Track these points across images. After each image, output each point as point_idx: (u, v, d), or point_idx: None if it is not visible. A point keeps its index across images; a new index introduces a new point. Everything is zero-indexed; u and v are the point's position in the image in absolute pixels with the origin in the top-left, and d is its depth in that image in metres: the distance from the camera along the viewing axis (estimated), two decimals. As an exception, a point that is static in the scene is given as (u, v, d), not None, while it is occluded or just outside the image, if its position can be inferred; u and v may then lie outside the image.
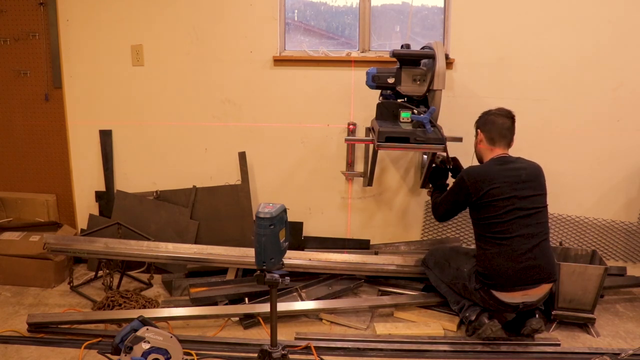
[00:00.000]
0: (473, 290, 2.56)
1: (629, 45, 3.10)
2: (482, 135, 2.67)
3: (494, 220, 2.50)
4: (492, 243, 2.51)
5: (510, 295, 2.48)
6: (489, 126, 2.65)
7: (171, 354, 2.13)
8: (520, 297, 2.48)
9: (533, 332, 2.56)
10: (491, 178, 2.53)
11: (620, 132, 3.21)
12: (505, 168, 2.57)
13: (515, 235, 2.47)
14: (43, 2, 3.29)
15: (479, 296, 2.55)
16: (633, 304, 3.03)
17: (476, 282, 2.55)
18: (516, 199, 2.49)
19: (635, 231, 3.29)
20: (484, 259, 2.53)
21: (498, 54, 3.18)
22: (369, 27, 3.32)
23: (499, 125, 2.63)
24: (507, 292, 2.48)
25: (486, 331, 2.52)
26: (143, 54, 3.36)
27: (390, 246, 3.44)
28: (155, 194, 3.47)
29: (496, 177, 2.53)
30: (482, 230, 2.56)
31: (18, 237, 3.20)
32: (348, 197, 3.45)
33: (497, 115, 2.65)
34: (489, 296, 2.51)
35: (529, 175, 2.56)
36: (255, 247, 1.94)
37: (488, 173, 2.56)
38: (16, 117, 3.49)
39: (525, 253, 2.46)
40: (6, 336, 2.57)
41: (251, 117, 3.39)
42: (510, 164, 2.58)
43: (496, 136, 2.63)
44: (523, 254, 2.46)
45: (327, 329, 2.72)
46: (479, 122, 2.73)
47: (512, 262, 2.46)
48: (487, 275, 2.50)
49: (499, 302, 2.51)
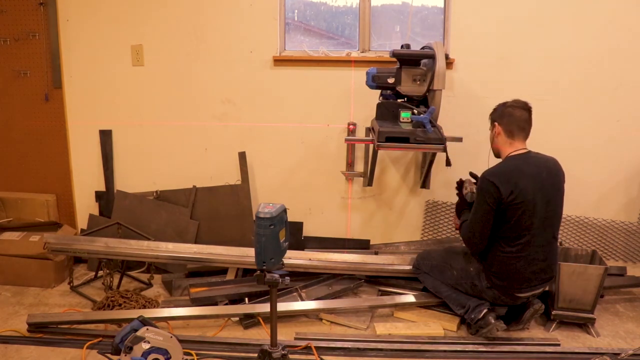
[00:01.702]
0: (485, 289, 2.57)
1: (629, 45, 3.10)
2: (499, 128, 2.56)
3: (517, 223, 2.44)
4: (513, 245, 2.47)
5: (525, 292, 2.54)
6: (506, 119, 2.54)
7: (171, 354, 2.13)
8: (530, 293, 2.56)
9: (536, 312, 2.60)
10: (516, 178, 2.43)
11: (620, 132, 3.21)
12: (528, 164, 2.48)
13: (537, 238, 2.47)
14: (43, 2, 3.29)
15: (491, 294, 2.57)
16: (633, 304, 3.03)
17: (487, 281, 2.55)
18: (539, 200, 2.44)
19: (635, 231, 3.29)
20: (501, 260, 2.50)
21: (498, 54, 3.18)
22: (369, 27, 3.32)
23: (517, 117, 2.53)
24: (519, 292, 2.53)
25: (492, 331, 2.53)
26: (143, 54, 3.36)
27: (390, 246, 3.44)
28: (155, 194, 3.47)
29: (520, 176, 2.43)
30: (504, 232, 2.48)
31: (18, 237, 3.20)
32: (348, 197, 3.45)
33: (514, 108, 2.55)
34: (504, 293, 2.54)
35: (549, 174, 2.50)
36: (255, 247, 1.94)
37: (513, 172, 2.45)
38: (16, 117, 3.49)
39: (542, 256, 2.50)
40: (6, 336, 2.57)
41: (251, 117, 3.39)
42: (532, 160, 2.50)
43: (515, 129, 2.52)
44: (540, 259, 2.50)
45: (327, 329, 2.72)
46: (495, 114, 2.61)
47: (530, 265, 2.49)
48: (504, 277, 2.51)
49: (513, 297, 2.55)
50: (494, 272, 2.54)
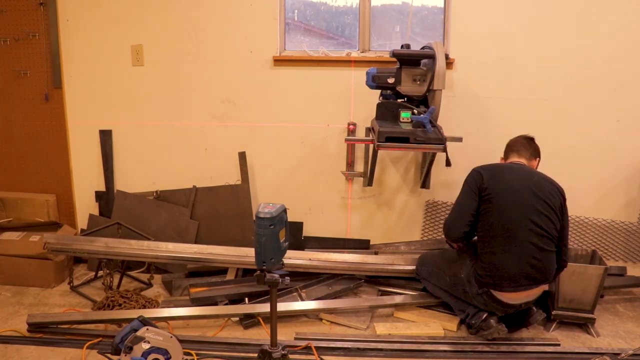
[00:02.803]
0: (475, 295, 2.54)
1: (629, 45, 3.10)
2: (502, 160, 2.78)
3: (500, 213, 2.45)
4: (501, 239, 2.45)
5: (513, 296, 2.48)
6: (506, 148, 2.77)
7: (171, 354, 2.13)
8: (523, 297, 2.49)
9: (536, 321, 2.62)
10: (502, 171, 2.57)
11: (620, 132, 3.21)
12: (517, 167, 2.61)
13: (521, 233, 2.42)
14: (43, 2, 3.29)
15: (482, 300, 2.53)
16: (633, 304, 3.03)
17: (478, 287, 2.52)
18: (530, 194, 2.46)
19: (635, 231, 3.29)
20: (489, 257, 2.47)
21: (498, 54, 3.18)
22: (369, 27, 3.32)
23: (514, 141, 2.75)
24: (509, 292, 2.46)
25: (493, 334, 2.52)
26: (143, 54, 3.36)
27: (390, 246, 3.44)
28: (155, 194, 3.47)
29: (508, 170, 2.57)
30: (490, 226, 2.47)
31: (18, 237, 3.20)
32: (348, 197, 3.45)
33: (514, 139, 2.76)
34: (492, 299, 2.50)
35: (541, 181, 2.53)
36: (255, 247, 1.94)
37: (500, 166, 2.62)
38: (16, 117, 3.49)
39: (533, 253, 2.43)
40: (6, 336, 2.57)
41: (251, 117, 3.39)
42: (526, 169, 2.62)
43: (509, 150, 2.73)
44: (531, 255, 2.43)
45: (327, 329, 2.72)
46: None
47: (517, 261, 2.42)
48: (490, 275, 2.46)
49: (502, 304, 2.50)
50: (480, 274, 2.49)
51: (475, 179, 2.55)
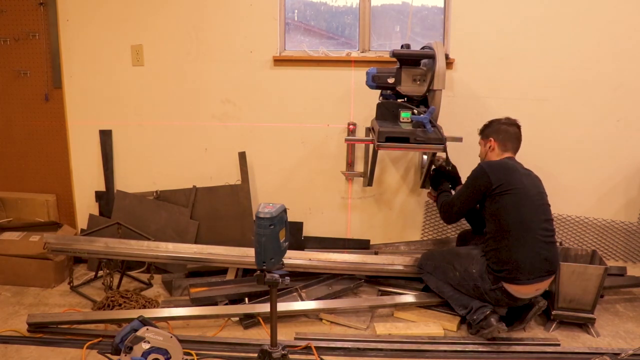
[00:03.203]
0: (488, 291, 2.57)
1: (629, 45, 3.10)
2: (495, 143, 2.75)
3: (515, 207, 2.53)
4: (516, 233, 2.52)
5: (526, 289, 2.53)
6: (502, 135, 2.74)
7: (171, 354, 2.13)
8: (533, 291, 2.56)
9: (539, 310, 2.63)
10: (509, 168, 2.63)
11: (620, 132, 3.21)
12: (519, 164, 2.70)
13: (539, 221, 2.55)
14: (43, 2, 3.29)
15: (494, 295, 2.57)
16: (633, 304, 3.03)
17: (492, 283, 2.55)
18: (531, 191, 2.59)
19: (635, 231, 3.29)
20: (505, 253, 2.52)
21: (498, 54, 3.18)
22: (369, 27, 3.32)
23: (512, 133, 2.75)
24: (524, 285, 2.51)
25: (493, 332, 2.53)
26: (143, 54, 3.36)
27: (390, 246, 3.44)
28: (155, 194, 3.47)
29: (513, 168, 2.64)
30: (506, 223, 2.54)
31: (18, 237, 3.20)
32: (348, 197, 3.45)
33: (509, 125, 2.76)
34: (505, 294, 2.54)
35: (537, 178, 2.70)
36: (255, 247, 1.94)
37: (507, 163, 2.66)
38: (16, 117, 3.49)
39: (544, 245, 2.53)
40: (6, 336, 2.57)
41: (251, 117, 3.39)
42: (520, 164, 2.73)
43: (509, 143, 2.74)
44: (543, 247, 2.52)
45: (327, 329, 2.72)
46: (488, 130, 2.80)
47: (532, 253, 2.50)
48: (508, 270, 2.50)
49: (514, 298, 2.55)
50: (495, 269, 2.53)
51: (483, 179, 2.61)
